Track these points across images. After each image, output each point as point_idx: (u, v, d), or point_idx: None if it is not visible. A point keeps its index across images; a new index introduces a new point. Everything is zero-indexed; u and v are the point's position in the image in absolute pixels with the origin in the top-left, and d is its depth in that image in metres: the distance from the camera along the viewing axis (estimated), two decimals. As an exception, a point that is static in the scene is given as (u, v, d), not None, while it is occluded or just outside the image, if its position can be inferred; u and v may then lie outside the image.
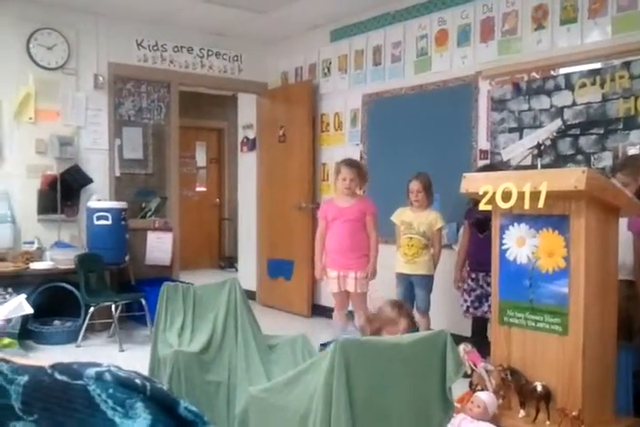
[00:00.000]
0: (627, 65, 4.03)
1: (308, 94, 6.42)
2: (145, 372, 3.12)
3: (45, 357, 4.72)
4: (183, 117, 6.84)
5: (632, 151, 3.97)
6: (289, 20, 6.17)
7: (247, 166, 7.53)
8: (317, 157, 6.45)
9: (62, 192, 5.60)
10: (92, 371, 0.62)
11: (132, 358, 4.78)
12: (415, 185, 4.41)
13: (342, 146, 6.17)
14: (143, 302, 5.31)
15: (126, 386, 0.61)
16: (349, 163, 4.59)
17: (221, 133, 10.17)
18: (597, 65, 4.20)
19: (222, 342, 2.93)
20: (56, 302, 5.25)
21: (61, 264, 5.30)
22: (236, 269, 8.44)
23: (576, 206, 2.64)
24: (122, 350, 4.99)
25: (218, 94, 8.94)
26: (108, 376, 0.62)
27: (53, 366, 0.63)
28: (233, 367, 2.84)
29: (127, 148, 6.48)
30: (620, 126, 4.05)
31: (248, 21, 6.21)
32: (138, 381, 0.62)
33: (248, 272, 7.28)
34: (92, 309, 5.07)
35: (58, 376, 0.62)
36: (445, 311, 4.71)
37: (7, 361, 0.65)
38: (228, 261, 9.69)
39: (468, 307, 4.28)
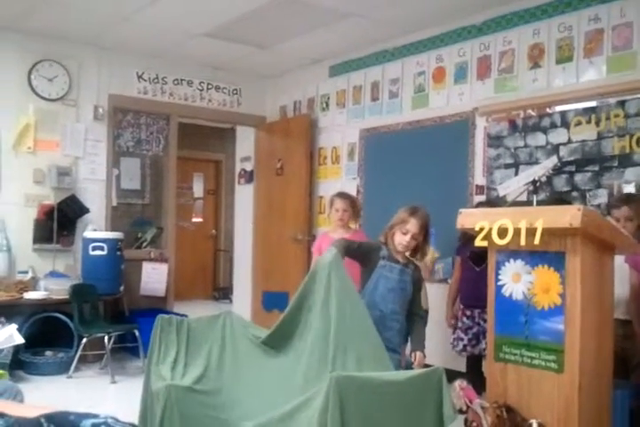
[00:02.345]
0: (621, 104, 4.09)
1: (305, 128, 6.48)
2: (137, 405, 3.08)
3: (35, 386, 4.66)
4: (181, 149, 6.89)
5: (627, 188, 4.00)
6: (288, 55, 6.26)
7: (244, 198, 7.54)
8: (314, 190, 6.48)
9: (58, 222, 5.60)
10: (87, 423, 0.60)
11: (123, 390, 4.73)
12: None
13: (339, 179, 6.20)
14: (136, 333, 5.27)
15: None
16: (342, 195, 4.63)
17: (219, 165, 10.23)
18: (593, 103, 4.26)
19: (217, 375, 2.90)
20: (49, 333, 5.20)
21: (55, 294, 5.26)
22: (231, 301, 8.39)
23: (572, 243, 2.65)
24: (114, 382, 4.93)
25: (216, 127, 9.02)
26: None
27: (49, 418, 0.62)
28: (228, 402, 2.80)
29: (125, 178, 6.50)
30: (615, 164, 4.09)
31: (248, 56, 6.30)
32: None
33: (243, 304, 7.23)
34: (84, 339, 5.02)
35: None
36: (441, 346, 4.67)
37: (2, 415, 0.63)
38: (223, 293, 9.64)
39: (465, 345, 4.22)
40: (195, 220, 10.16)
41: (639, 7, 4.06)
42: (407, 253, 3.35)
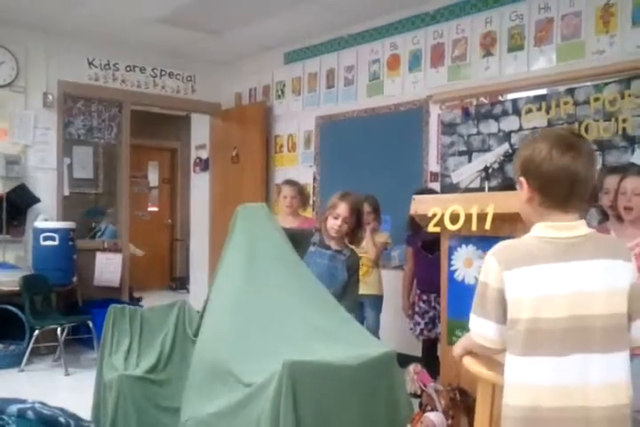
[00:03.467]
0: (571, 92, 4.17)
1: (261, 116, 6.44)
2: (90, 396, 3.04)
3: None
4: (136, 137, 6.78)
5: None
6: (243, 42, 6.20)
7: (200, 187, 7.48)
8: (271, 178, 6.46)
9: (8, 212, 5.48)
10: (14, 408, 0.59)
11: (77, 383, 4.66)
12: (365, 207, 4.42)
13: (295, 167, 6.19)
14: (90, 324, 5.19)
15: (48, 424, 0.59)
16: (289, 182, 4.65)
17: (174, 153, 10.11)
18: (543, 91, 4.34)
19: (169, 365, 2.88)
20: (-1, 325, 5.09)
21: (5, 286, 5.15)
22: (188, 291, 8.34)
23: (522, 228, 2.69)
24: (67, 374, 4.86)
25: (171, 114, 8.89)
26: (30, 414, 0.59)
27: None
28: (181, 391, 2.79)
29: (77, 167, 6.38)
30: (565, 151, 4.16)
31: (202, 42, 6.22)
32: (62, 419, 0.60)
33: (200, 293, 7.17)
34: (36, 331, 4.93)
35: None
36: (395, 331, 4.72)
37: None
38: (180, 282, 9.56)
39: (422, 330, 4.27)
40: (150, 209, 10.03)
41: (588, -4, 4.13)
42: (345, 240, 3.37)
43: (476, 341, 1.58)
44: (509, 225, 2.73)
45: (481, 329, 1.56)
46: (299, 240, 3.27)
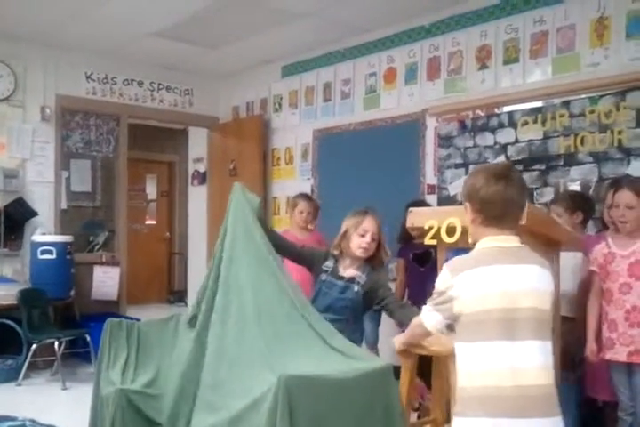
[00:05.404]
0: (566, 104, 4.19)
1: (259, 129, 6.47)
2: (88, 411, 3.02)
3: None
4: (134, 150, 6.80)
5: (572, 187, 4.09)
6: (240, 55, 6.23)
7: (198, 200, 7.48)
8: (269, 191, 6.47)
9: (6, 225, 5.48)
10: (4, 426, 0.59)
11: (75, 397, 4.65)
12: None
13: (293, 180, 6.21)
14: (87, 338, 5.18)
15: None
16: (306, 196, 4.64)
17: (172, 167, 10.11)
18: (539, 104, 4.36)
19: (168, 379, 2.86)
20: (-4, 339, 5.08)
21: (3, 300, 5.14)
22: (186, 304, 8.31)
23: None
24: (65, 389, 4.84)
25: (169, 127, 8.92)
26: None
27: None
28: (179, 406, 2.77)
29: (75, 180, 6.37)
30: (561, 163, 4.19)
31: (199, 56, 6.25)
32: None
33: (198, 307, 7.16)
34: (34, 346, 4.92)
35: None
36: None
37: None
38: (178, 296, 9.53)
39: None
40: (148, 222, 10.03)
41: (582, 10, 4.17)
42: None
43: (424, 326, 1.89)
44: (506, 237, 2.74)
45: (432, 319, 1.85)
46: (312, 260, 3.06)
